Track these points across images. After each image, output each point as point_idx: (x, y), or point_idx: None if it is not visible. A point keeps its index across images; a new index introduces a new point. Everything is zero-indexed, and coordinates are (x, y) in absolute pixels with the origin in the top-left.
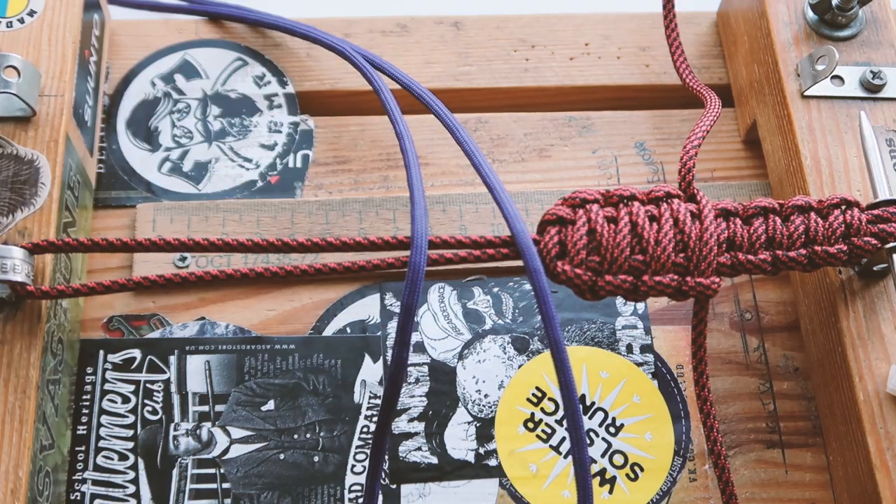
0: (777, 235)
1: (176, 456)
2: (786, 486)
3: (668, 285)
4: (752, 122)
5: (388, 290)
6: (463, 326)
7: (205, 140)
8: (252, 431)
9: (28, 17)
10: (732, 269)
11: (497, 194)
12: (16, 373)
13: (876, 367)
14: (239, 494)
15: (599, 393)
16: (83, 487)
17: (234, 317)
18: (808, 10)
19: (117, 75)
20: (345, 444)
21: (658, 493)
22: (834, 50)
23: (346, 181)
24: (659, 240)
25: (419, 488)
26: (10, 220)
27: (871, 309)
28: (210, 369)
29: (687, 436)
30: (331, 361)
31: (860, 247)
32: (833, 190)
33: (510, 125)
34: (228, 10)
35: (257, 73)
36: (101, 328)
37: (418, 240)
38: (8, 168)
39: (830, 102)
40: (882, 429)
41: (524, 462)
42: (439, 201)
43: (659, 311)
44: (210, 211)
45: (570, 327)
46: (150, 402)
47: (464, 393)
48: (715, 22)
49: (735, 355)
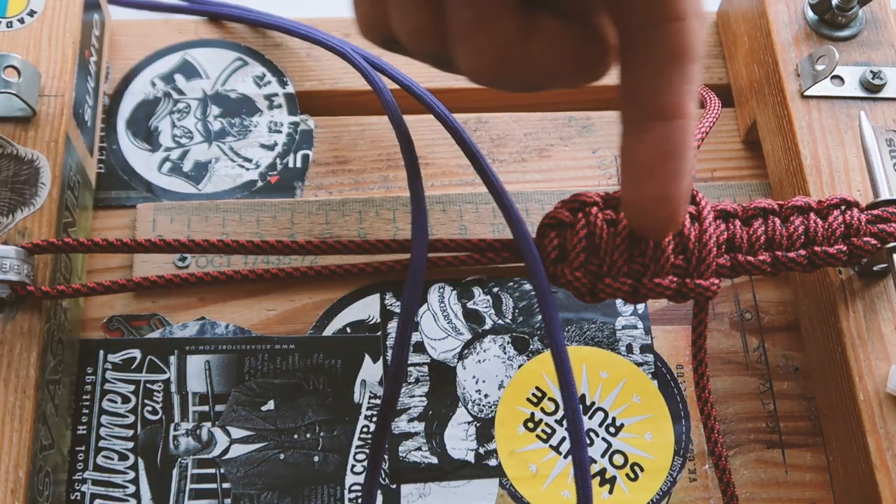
0: (777, 236)
1: (176, 456)
2: (786, 486)
3: (668, 287)
4: (752, 123)
5: (388, 291)
6: (463, 326)
7: (205, 140)
8: (252, 431)
9: (28, 17)
10: (732, 270)
11: (506, 198)
12: (16, 373)
13: (876, 367)
14: (239, 494)
15: (599, 393)
16: (83, 487)
17: (234, 317)
18: (808, 10)
19: (117, 75)
20: (345, 444)
21: (658, 493)
22: (834, 50)
23: (346, 181)
24: (658, 242)
25: (419, 488)
26: (9, 220)
27: (871, 309)
28: (210, 369)
29: (687, 436)
30: (331, 361)
31: (860, 247)
32: (833, 190)
33: (510, 125)
34: (229, 10)
35: (257, 73)
36: (101, 328)
37: (418, 242)
38: (8, 168)
39: (830, 102)
40: (882, 429)
41: (524, 462)
42: (439, 201)
43: (659, 311)
44: (210, 211)
45: (570, 327)
46: (150, 402)
47: (464, 393)
48: (715, 22)
49: (735, 355)
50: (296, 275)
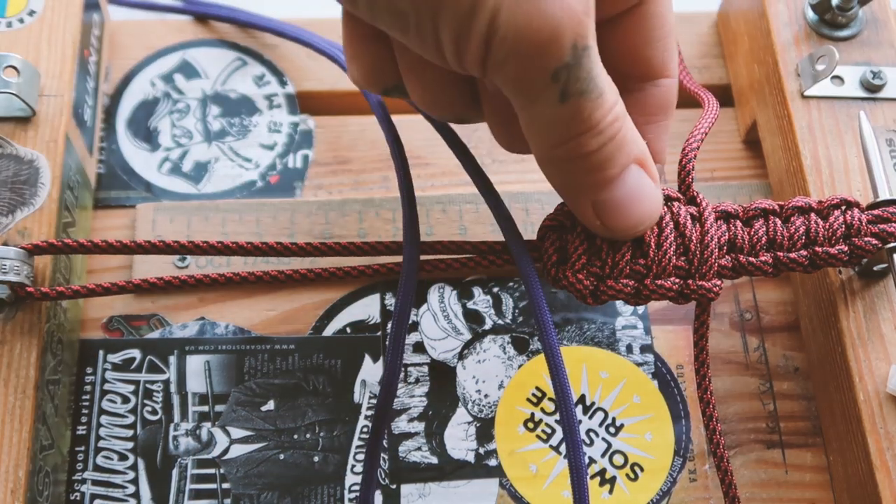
0: (778, 237)
1: (176, 456)
2: (786, 486)
3: (671, 289)
4: (752, 123)
5: (388, 291)
6: (463, 326)
7: (204, 140)
8: (252, 431)
9: (28, 17)
10: (734, 271)
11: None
12: (16, 373)
13: (876, 367)
14: (239, 494)
15: (599, 393)
16: (83, 487)
17: (234, 317)
18: (808, 10)
19: (117, 75)
20: (345, 444)
21: (658, 493)
22: (834, 50)
23: (346, 181)
24: (660, 243)
25: (419, 488)
26: (9, 221)
27: (871, 309)
28: (210, 369)
29: (687, 436)
30: (331, 361)
31: (861, 247)
32: (833, 190)
33: None
34: (228, 12)
35: (257, 73)
36: (101, 328)
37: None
38: (8, 168)
39: (830, 102)
40: (882, 429)
41: (524, 462)
42: (439, 201)
43: (659, 311)
44: (210, 211)
45: (570, 327)
46: (150, 402)
47: (464, 393)
48: (715, 22)
49: (735, 355)
50: (296, 277)
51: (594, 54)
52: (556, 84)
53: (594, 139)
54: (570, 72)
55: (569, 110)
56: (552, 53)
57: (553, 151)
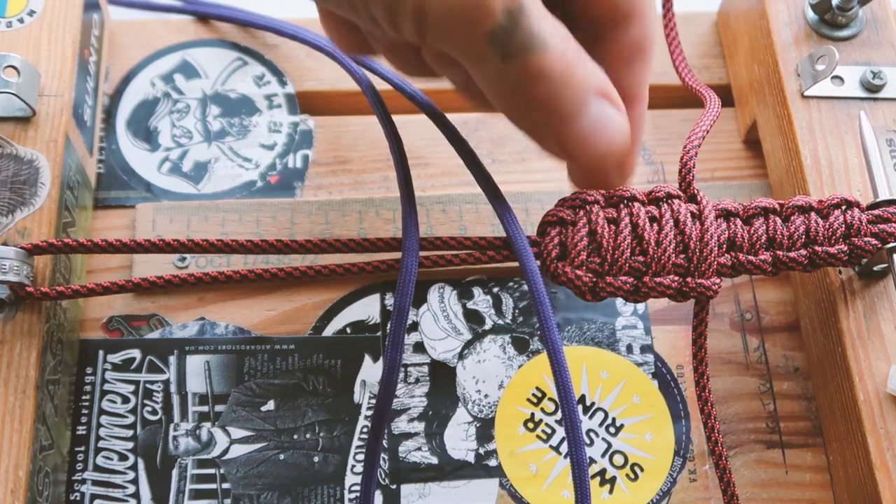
0: (777, 236)
1: (176, 456)
2: (786, 486)
3: (669, 286)
4: (752, 122)
5: (388, 291)
6: (463, 326)
7: (204, 140)
8: (252, 432)
9: (28, 17)
10: (733, 269)
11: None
12: (16, 373)
13: (876, 367)
14: (239, 495)
15: (599, 393)
16: (83, 488)
17: (234, 317)
18: (808, 10)
19: (117, 75)
20: (345, 444)
21: (658, 493)
22: (834, 50)
23: (346, 181)
24: (660, 241)
25: (419, 488)
26: (9, 221)
27: (871, 309)
28: (210, 369)
29: (687, 436)
30: (331, 361)
31: (860, 247)
32: (833, 190)
33: (511, 125)
34: (228, 12)
35: (257, 73)
36: (101, 328)
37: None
38: (7, 168)
39: (830, 102)
40: (882, 429)
41: (524, 462)
42: (439, 201)
43: (659, 311)
44: (210, 211)
45: (570, 327)
46: (150, 402)
47: (464, 393)
48: (715, 22)
49: (735, 355)
50: (295, 274)
51: (532, 10)
52: (494, 46)
53: (545, 88)
54: (507, 33)
55: (514, 67)
56: (481, 19)
57: (508, 103)
